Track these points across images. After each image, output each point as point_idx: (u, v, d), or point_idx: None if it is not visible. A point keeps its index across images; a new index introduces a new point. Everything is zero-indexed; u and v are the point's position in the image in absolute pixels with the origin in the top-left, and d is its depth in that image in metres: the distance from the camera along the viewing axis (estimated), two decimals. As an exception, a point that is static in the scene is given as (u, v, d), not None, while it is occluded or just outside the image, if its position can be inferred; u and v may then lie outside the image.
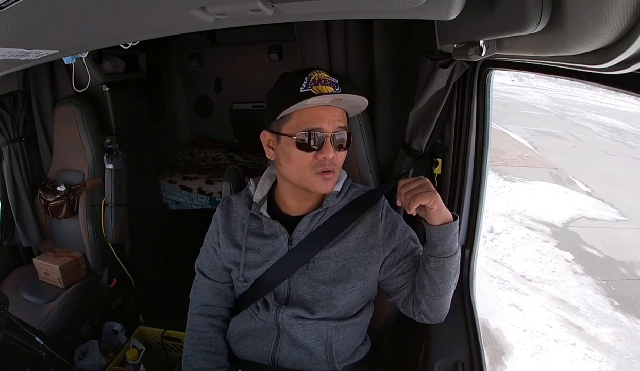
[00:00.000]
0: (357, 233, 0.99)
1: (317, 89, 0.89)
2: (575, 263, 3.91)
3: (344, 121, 0.95)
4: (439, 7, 0.50)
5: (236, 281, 1.06)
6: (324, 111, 0.91)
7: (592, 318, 3.18)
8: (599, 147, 7.99)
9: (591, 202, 5.33)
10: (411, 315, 1.00)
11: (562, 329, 3.04)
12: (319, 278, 0.98)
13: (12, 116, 1.83)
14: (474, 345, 1.04)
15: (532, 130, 9.05)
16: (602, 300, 3.40)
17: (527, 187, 5.77)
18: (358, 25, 1.26)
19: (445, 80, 1.02)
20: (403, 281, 1.00)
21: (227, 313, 1.11)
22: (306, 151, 0.91)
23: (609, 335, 3.02)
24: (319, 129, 0.90)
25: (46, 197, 1.81)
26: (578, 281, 3.64)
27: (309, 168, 0.92)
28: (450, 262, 0.90)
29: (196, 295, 1.11)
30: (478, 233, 1.19)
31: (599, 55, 0.41)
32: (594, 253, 4.11)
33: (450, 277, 0.92)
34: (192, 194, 2.34)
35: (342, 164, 0.97)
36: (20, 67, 0.87)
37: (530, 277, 3.68)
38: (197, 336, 1.07)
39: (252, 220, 1.04)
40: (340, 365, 1.01)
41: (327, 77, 0.93)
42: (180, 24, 0.65)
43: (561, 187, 5.85)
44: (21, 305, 1.64)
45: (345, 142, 0.95)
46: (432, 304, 0.95)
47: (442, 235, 0.87)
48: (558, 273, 3.75)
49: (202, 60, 2.73)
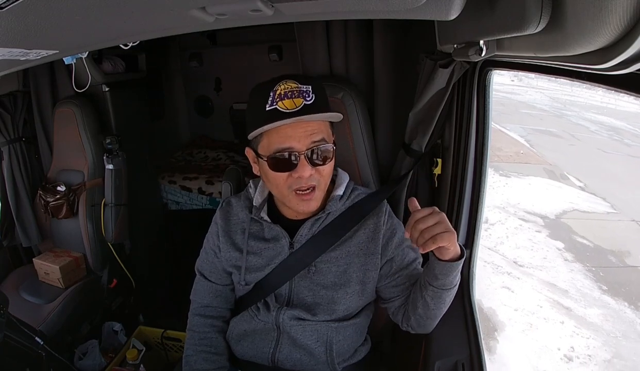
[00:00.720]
0: (359, 238, 0.99)
1: (282, 105, 0.84)
2: (566, 252, 4.06)
3: (321, 133, 0.88)
4: (439, 7, 0.50)
5: (237, 284, 1.05)
6: (292, 129, 0.86)
7: (581, 300, 3.33)
8: (595, 145, 8.07)
9: (584, 196, 5.47)
10: (399, 324, 1.02)
11: (551, 309, 3.20)
12: (320, 282, 0.98)
13: (12, 116, 1.83)
14: (474, 345, 1.04)
15: (530, 128, 9.11)
16: (590, 285, 3.55)
17: (521, 181, 5.88)
18: (358, 25, 1.26)
19: (445, 80, 1.02)
20: (396, 294, 1.00)
21: (227, 314, 1.11)
22: (279, 172, 0.88)
23: (596, 315, 3.16)
24: (288, 149, 0.86)
25: (46, 197, 1.81)
26: (568, 267, 3.78)
27: (286, 187, 0.90)
28: (448, 293, 0.88)
29: (196, 296, 1.11)
30: (478, 233, 1.19)
31: (599, 56, 0.41)
32: (584, 242, 4.24)
33: (444, 305, 0.91)
34: (192, 194, 2.34)
35: (328, 176, 0.93)
36: (20, 67, 0.87)
37: (522, 262, 3.84)
38: (197, 337, 1.06)
39: (252, 223, 1.03)
40: (340, 365, 1.01)
41: (296, 87, 0.86)
42: (180, 24, 0.65)
43: (555, 182, 5.97)
44: (21, 305, 1.64)
45: (325, 155, 0.89)
46: (421, 323, 0.96)
47: (446, 270, 0.84)
48: (549, 260, 3.90)
49: (202, 60, 2.73)
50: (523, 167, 6.48)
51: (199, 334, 1.07)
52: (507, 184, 5.71)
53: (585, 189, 5.70)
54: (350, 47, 1.27)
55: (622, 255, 4.06)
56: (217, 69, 2.74)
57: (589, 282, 3.58)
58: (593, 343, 2.90)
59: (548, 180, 6.00)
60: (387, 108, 1.30)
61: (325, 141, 0.89)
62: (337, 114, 0.90)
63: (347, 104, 1.18)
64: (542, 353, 2.78)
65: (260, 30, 2.33)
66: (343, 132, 1.20)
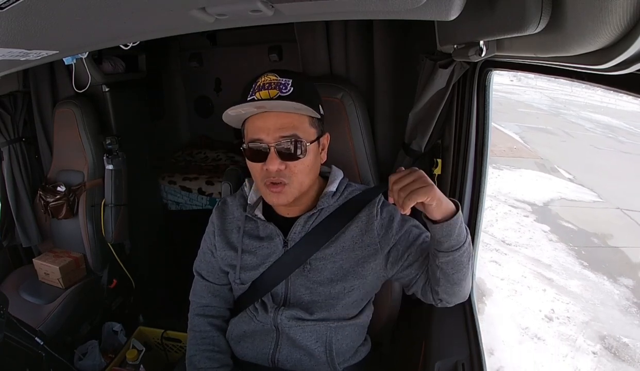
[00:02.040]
0: (353, 232, 0.98)
1: (258, 95, 0.87)
2: (551, 234, 4.32)
3: (293, 128, 0.87)
4: (439, 7, 0.50)
5: (233, 284, 1.05)
6: (262, 120, 0.88)
7: (563, 273, 3.60)
8: (588, 142, 8.18)
9: (572, 187, 5.68)
10: (433, 303, 0.96)
11: (534, 279, 3.50)
12: (316, 280, 0.97)
13: (12, 116, 1.83)
14: (474, 345, 1.04)
15: (525, 126, 9.21)
16: (572, 261, 3.80)
17: (513, 174, 6.09)
18: (358, 25, 1.26)
19: (445, 80, 1.02)
20: (414, 273, 0.96)
21: (227, 314, 1.11)
22: (254, 162, 0.91)
23: (576, 286, 3.44)
24: (258, 140, 0.88)
25: (46, 197, 1.81)
26: (552, 246, 4.05)
27: (260, 178, 0.92)
28: (460, 253, 0.84)
29: (195, 297, 1.12)
30: (478, 234, 1.19)
31: (598, 56, 0.41)
32: (569, 226, 4.50)
33: (463, 265, 0.87)
34: (192, 194, 2.34)
35: (304, 174, 0.91)
36: (20, 68, 0.87)
37: (509, 241, 4.13)
38: (199, 337, 1.06)
39: (247, 221, 1.03)
40: (340, 365, 1.01)
41: (275, 79, 0.88)
42: (181, 24, 0.65)
43: (545, 174, 6.17)
44: (21, 305, 1.64)
45: (295, 151, 0.88)
46: (450, 292, 0.91)
47: (446, 232, 0.81)
48: (534, 240, 4.18)
49: (202, 61, 2.73)
50: (515, 160, 6.66)
51: (200, 334, 1.07)
52: (499, 176, 5.88)
53: (574, 181, 5.88)
54: (350, 47, 1.27)
55: (605, 238, 4.27)
56: (217, 69, 2.74)
57: (571, 259, 3.82)
58: (572, 308, 3.15)
59: (538, 173, 6.19)
60: (387, 109, 1.30)
61: (297, 137, 0.88)
62: (305, 107, 0.86)
63: (346, 104, 1.18)
64: (525, 314, 3.06)
65: (260, 30, 2.33)
66: (343, 132, 1.20)
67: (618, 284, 3.46)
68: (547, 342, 2.81)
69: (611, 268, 3.67)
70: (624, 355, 2.73)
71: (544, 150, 7.32)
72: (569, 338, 2.85)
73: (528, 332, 2.89)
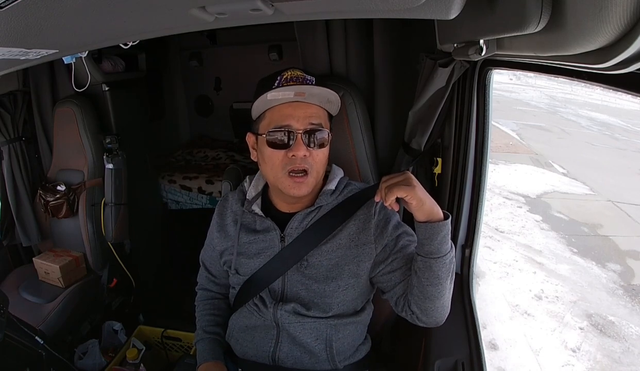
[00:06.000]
0: (350, 230, 0.98)
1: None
2: (543, 223, 4.50)
3: (319, 118, 0.93)
4: (439, 6, 0.50)
5: (231, 277, 1.07)
6: (293, 108, 0.91)
7: (553, 258, 3.77)
8: (584, 139, 8.24)
9: (565, 180, 5.84)
10: (403, 314, 0.96)
11: (525, 263, 3.69)
12: (312, 276, 0.98)
13: (12, 116, 1.83)
14: (474, 345, 1.04)
15: (522, 123, 9.28)
16: (562, 248, 3.97)
17: (508, 168, 6.25)
18: (358, 24, 1.26)
19: (445, 79, 1.02)
20: (394, 280, 0.96)
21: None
22: (276, 149, 0.91)
23: (565, 270, 3.60)
24: (287, 126, 0.90)
25: (46, 196, 1.81)
26: (543, 234, 4.24)
27: (280, 167, 0.92)
28: (438, 264, 0.84)
29: (201, 280, 1.20)
30: (478, 233, 1.19)
31: (598, 55, 0.41)
32: (561, 216, 4.66)
33: (439, 281, 0.86)
34: (192, 194, 2.34)
35: (321, 164, 0.95)
36: (20, 67, 0.87)
37: (502, 229, 4.33)
38: (202, 306, 1.16)
39: (245, 215, 1.05)
40: (341, 363, 1.01)
41: (301, 75, 0.92)
42: (180, 23, 0.65)
43: (539, 168, 6.31)
44: (21, 304, 1.64)
45: (320, 139, 0.92)
46: (421, 307, 0.90)
47: (428, 234, 0.83)
48: (527, 229, 4.36)
49: (202, 60, 2.73)
50: (510, 155, 6.79)
51: (203, 302, 1.16)
52: (495, 170, 5.99)
53: (567, 175, 6.01)
54: (350, 46, 1.27)
55: (595, 227, 4.42)
56: (217, 69, 2.75)
57: (562, 246, 3.99)
58: (561, 289, 3.33)
59: (533, 167, 6.33)
60: (387, 107, 1.30)
61: (322, 127, 0.93)
62: (333, 93, 0.93)
63: (347, 103, 1.18)
64: (516, 293, 3.26)
65: (260, 29, 2.33)
66: (343, 130, 1.20)
67: (606, 269, 3.61)
68: (536, 318, 2.98)
69: (600, 254, 3.82)
70: (610, 331, 2.87)
71: (539, 146, 7.43)
72: (557, 315, 3.02)
73: (518, 309, 3.07)
